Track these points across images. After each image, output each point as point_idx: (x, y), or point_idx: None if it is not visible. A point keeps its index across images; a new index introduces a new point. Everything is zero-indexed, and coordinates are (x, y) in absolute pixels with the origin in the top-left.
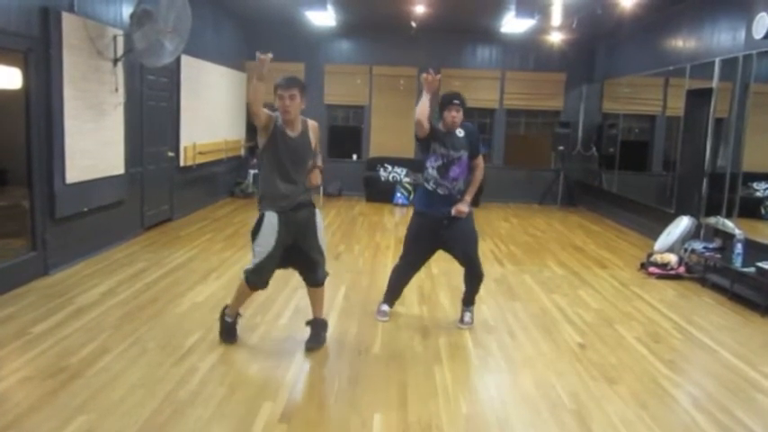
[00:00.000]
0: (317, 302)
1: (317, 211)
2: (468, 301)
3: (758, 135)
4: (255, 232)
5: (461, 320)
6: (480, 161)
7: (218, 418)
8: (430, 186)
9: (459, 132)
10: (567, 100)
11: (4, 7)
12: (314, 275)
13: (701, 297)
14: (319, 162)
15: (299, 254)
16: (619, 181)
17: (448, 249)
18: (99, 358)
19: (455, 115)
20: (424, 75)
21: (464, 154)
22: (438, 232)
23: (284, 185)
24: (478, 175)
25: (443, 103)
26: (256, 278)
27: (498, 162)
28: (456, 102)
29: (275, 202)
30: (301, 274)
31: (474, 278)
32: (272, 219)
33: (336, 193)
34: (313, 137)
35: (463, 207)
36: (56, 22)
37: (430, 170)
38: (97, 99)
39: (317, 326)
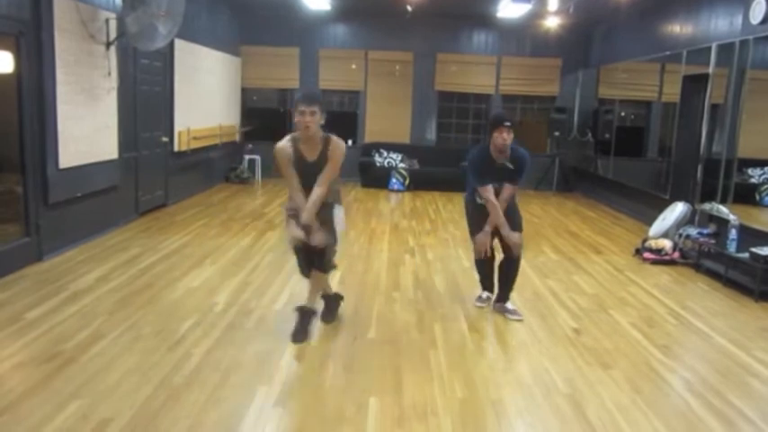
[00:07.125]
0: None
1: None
2: None
3: (754, 121)
4: None
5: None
6: None
7: (212, 403)
8: None
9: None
10: (563, 85)
11: None
12: None
13: (696, 282)
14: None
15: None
16: (614, 167)
17: None
18: (93, 344)
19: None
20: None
21: None
22: None
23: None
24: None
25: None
26: None
27: None
28: (507, 123)
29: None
30: None
31: None
32: None
33: None
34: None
35: None
36: (47, 5)
37: None
38: (90, 83)
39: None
